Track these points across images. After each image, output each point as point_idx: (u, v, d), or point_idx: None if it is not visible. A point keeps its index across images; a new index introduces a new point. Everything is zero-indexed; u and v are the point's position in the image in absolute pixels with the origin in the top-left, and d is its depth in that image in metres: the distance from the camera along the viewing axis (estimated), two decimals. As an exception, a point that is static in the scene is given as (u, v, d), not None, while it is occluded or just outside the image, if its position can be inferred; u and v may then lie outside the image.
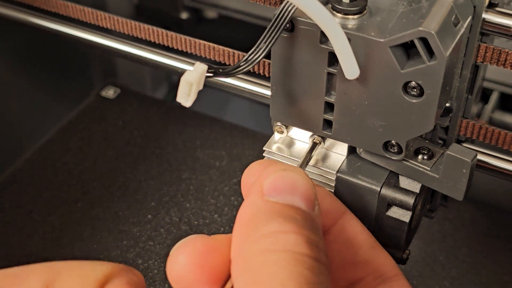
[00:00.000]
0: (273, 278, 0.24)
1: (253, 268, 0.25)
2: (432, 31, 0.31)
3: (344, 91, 0.35)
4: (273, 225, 0.26)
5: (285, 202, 0.27)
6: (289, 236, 0.26)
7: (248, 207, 0.27)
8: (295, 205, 0.27)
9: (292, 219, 0.26)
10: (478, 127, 0.42)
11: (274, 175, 0.28)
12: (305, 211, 0.27)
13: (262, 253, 0.25)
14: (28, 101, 0.77)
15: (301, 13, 0.32)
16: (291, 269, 0.24)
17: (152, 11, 0.84)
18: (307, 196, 0.28)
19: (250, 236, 0.26)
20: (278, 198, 0.27)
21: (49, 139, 0.76)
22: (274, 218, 0.26)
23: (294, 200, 0.27)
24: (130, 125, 0.78)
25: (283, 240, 0.25)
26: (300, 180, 0.28)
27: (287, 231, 0.26)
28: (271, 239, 0.26)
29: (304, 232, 0.26)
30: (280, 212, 0.27)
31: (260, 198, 0.27)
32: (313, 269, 0.25)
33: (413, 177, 0.38)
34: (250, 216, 0.27)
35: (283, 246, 0.25)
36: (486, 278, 0.62)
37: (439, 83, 0.32)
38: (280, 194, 0.27)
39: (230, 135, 0.76)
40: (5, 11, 0.60)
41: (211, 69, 0.33)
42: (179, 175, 0.71)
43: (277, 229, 0.26)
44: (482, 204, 0.68)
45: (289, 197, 0.27)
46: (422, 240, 0.65)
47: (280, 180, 0.28)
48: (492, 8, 0.38)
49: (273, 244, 0.25)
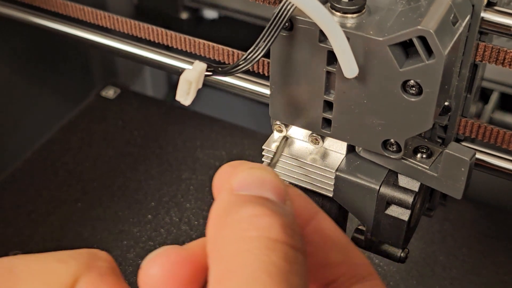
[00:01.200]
0: (245, 268, 0.24)
1: (226, 258, 0.24)
2: (430, 30, 0.31)
3: (343, 90, 0.35)
4: (245, 210, 0.25)
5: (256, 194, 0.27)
6: (263, 220, 0.25)
7: (219, 202, 0.27)
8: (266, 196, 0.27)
9: (264, 204, 0.26)
10: (477, 126, 0.42)
11: (242, 173, 0.28)
12: (277, 202, 0.27)
13: (235, 241, 0.25)
14: (28, 101, 0.77)
15: (300, 12, 0.32)
16: (263, 258, 0.24)
17: (152, 11, 0.84)
18: (277, 190, 0.27)
19: (222, 226, 0.26)
20: (247, 192, 0.27)
21: (49, 139, 0.76)
22: (246, 204, 0.26)
23: (264, 193, 0.27)
24: (130, 125, 0.78)
25: (256, 225, 0.25)
26: (269, 176, 0.28)
27: (261, 214, 0.25)
28: (244, 224, 0.25)
29: (277, 215, 0.26)
30: (251, 200, 0.26)
31: (230, 194, 0.27)
32: (287, 257, 0.24)
33: (412, 175, 0.38)
34: (221, 209, 0.26)
35: (256, 232, 0.25)
36: (486, 278, 0.62)
37: (438, 82, 0.32)
38: (250, 189, 0.27)
39: (230, 135, 0.76)
40: (5, 11, 0.60)
41: (210, 68, 0.33)
42: (179, 175, 0.71)
43: (251, 213, 0.25)
44: (482, 204, 0.68)
45: (258, 190, 0.27)
46: (422, 240, 0.65)
47: (248, 176, 0.27)
48: (490, 7, 0.38)
49: (246, 230, 0.25)
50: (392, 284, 0.62)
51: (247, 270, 0.24)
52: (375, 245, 0.41)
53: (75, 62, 0.83)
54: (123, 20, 0.52)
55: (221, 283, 0.24)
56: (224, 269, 0.24)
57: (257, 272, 0.23)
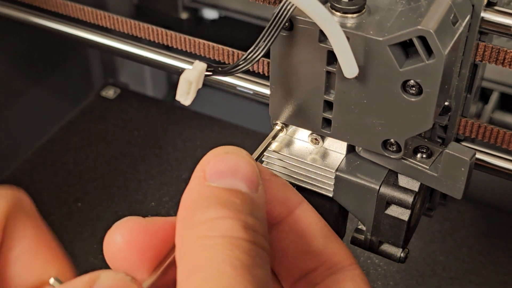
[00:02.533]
0: (209, 262, 0.25)
1: (191, 254, 0.26)
2: (430, 30, 0.31)
3: (343, 89, 0.35)
4: (210, 212, 0.27)
5: (226, 186, 0.28)
6: (225, 222, 0.26)
7: (190, 192, 0.28)
8: (236, 188, 0.28)
9: (230, 204, 0.27)
10: (477, 126, 0.42)
11: (215, 158, 0.29)
12: (246, 194, 0.28)
13: (199, 238, 0.26)
14: (28, 101, 0.77)
15: (300, 12, 0.32)
16: (227, 253, 0.25)
17: (152, 11, 0.84)
18: (249, 178, 0.28)
19: (189, 222, 0.27)
20: (219, 183, 0.28)
21: (49, 139, 0.76)
22: (212, 205, 0.27)
23: (235, 183, 0.28)
24: (130, 125, 0.78)
25: (219, 226, 0.26)
26: (242, 161, 0.29)
27: (224, 217, 0.27)
28: (208, 225, 0.26)
29: (241, 216, 0.27)
30: (218, 198, 0.27)
31: (201, 184, 0.28)
32: (249, 252, 0.26)
33: (412, 175, 0.38)
34: (191, 202, 0.28)
35: (219, 232, 0.26)
36: (486, 278, 0.62)
37: (438, 82, 0.32)
38: (222, 178, 0.28)
39: (230, 135, 0.76)
40: (5, 11, 0.60)
41: (211, 68, 0.33)
42: (179, 175, 0.71)
43: (214, 216, 0.27)
44: (482, 204, 0.68)
45: (230, 180, 0.28)
46: (422, 240, 0.65)
47: (221, 163, 0.28)
48: (490, 7, 0.38)
49: (210, 230, 0.26)
50: (392, 284, 0.62)
51: (212, 264, 0.25)
52: (375, 245, 0.41)
53: (75, 62, 0.83)
54: (123, 20, 0.52)
55: (189, 278, 0.25)
56: (191, 264, 0.26)
57: (222, 265, 0.25)
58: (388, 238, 0.40)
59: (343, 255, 0.33)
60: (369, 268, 0.63)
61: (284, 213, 0.33)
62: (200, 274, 0.25)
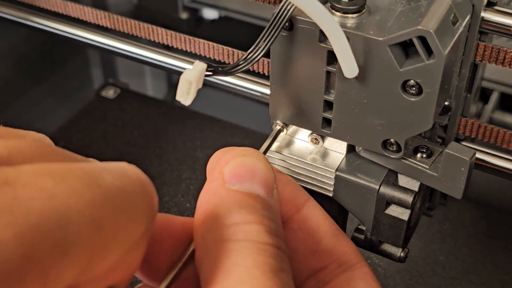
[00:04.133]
0: (238, 267, 0.25)
1: (217, 257, 0.26)
2: (430, 30, 0.31)
3: (343, 89, 0.35)
4: (235, 216, 0.27)
5: (246, 190, 0.28)
6: (251, 227, 0.27)
7: (211, 195, 0.28)
8: (255, 192, 0.28)
9: (253, 210, 0.27)
10: (477, 126, 0.42)
11: (234, 161, 0.29)
12: (264, 199, 0.28)
13: (224, 242, 0.26)
14: (28, 101, 0.77)
15: (300, 12, 0.32)
16: (255, 258, 0.25)
17: (152, 11, 0.84)
18: (266, 182, 0.29)
19: (212, 227, 0.27)
20: (238, 186, 0.28)
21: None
22: (236, 209, 0.27)
23: (254, 187, 0.28)
24: (130, 125, 0.78)
25: (245, 231, 0.26)
26: (259, 165, 0.29)
27: (249, 222, 0.27)
28: (233, 230, 0.26)
29: (265, 221, 0.27)
30: (241, 203, 0.27)
31: (221, 187, 0.28)
32: (276, 257, 0.26)
33: (412, 175, 0.38)
34: (213, 205, 0.28)
35: (245, 236, 0.26)
36: (486, 278, 0.62)
37: (438, 82, 0.33)
38: (241, 182, 0.28)
39: (230, 135, 0.76)
40: (5, 11, 0.60)
41: (211, 68, 0.33)
42: (179, 175, 0.71)
43: (239, 220, 0.27)
44: (482, 204, 0.68)
45: (249, 184, 0.28)
46: (422, 240, 0.65)
47: (240, 166, 0.29)
48: (490, 7, 0.38)
49: (235, 234, 0.26)
50: (392, 284, 0.62)
51: (241, 269, 0.25)
52: (375, 244, 0.41)
53: (75, 62, 0.83)
54: (123, 20, 0.52)
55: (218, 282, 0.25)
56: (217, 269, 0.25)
57: (252, 270, 0.25)
58: (388, 237, 0.40)
59: (351, 253, 0.33)
60: (369, 268, 0.63)
61: (291, 211, 0.33)
62: (230, 278, 0.25)
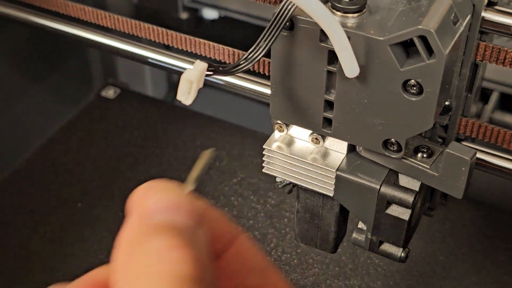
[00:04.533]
0: None
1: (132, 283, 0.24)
2: (431, 29, 0.31)
3: (344, 89, 0.35)
4: (156, 241, 0.24)
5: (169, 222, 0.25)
6: (174, 253, 0.24)
7: (129, 229, 0.26)
8: (180, 222, 0.26)
9: (176, 234, 0.25)
10: (478, 126, 0.42)
11: (157, 195, 0.27)
12: (190, 227, 0.26)
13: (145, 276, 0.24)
14: (28, 101, 0.77)
15: (301, 12, 0.32)
16: None
17: (152, 11, 0.84)
18: (193, 215, 0.26)
19: (132, 258, 0.25)
20: (161, 218, 0.26)
21: (49, 139, 0.76)
22: (158, 234, 0.25)
23: (179, 218, 0.26)
24: (130, 125, 0.78)
25: (167, 259, 0.24)
26: (185, 199, 0.27)
27: (172, 247, 0.24)
28: (155, 257, 0.24)
29: (189, 247, 0.25)
30: (164, 229, 0.25)
31: (141, 219, 0.26)
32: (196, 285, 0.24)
33: (413, 175, 0.38)
34: (132, 237, 0.25)
35: (167, 266, 0.24)
36: (486, 278, 0.62)
37: (439, 81, 0.32)
38: (164, 214, 0.26)
39: (230, 135, 0.76)
40: (5, 11, 0.60)
41: (211, 68, 0.33)
42: (179, 175, 0.71)
43: (161, 245, 0.24)
44: (482, 204, 0.68)
45: (173, 215, 0.26)
46: (423, 240, 0.65)
47: (163, 199, 0.26)
48: (491, 7, 0.38)
49: (157, 263, 0.24)
50: (392, 284, 0.62)
51: None
52: (375, 244, 0.41)
53: (75, 62, 0.83)
54: (123, 19, 0.52)
55: None
56: None
57: None
58: (389, 237, 0.40)
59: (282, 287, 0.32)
60: (369, 268, 0.63)
61: (221, 248, 0.31)
62: None
